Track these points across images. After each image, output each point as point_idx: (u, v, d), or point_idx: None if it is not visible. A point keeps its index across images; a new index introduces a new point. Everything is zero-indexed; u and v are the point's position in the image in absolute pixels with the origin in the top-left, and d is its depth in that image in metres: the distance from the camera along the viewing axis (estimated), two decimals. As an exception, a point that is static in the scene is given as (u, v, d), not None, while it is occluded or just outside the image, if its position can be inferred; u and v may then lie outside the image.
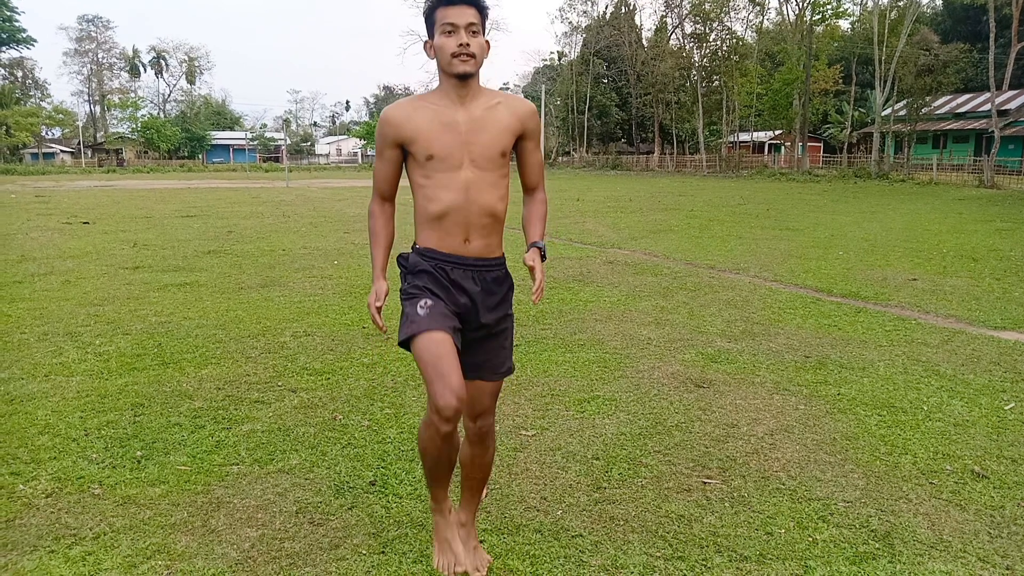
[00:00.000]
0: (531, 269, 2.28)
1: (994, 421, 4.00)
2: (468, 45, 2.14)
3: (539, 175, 2.45)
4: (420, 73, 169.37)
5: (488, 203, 2.25)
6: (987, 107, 34.94)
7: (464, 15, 2.15)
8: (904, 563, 2.64)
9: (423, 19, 2.24)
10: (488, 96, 2.27)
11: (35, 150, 66.22)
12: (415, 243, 2.34)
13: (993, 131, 30.79)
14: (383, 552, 2.70)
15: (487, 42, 2.23)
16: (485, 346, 2.37)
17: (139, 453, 3.53)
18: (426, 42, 2.27)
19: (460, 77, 2.17)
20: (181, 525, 2.88)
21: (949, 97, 44.21)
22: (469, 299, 2.28)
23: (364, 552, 2.70)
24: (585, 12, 63.31)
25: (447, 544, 2.50)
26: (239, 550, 2.71)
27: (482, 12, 2.20)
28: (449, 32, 2.15)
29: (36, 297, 7.22)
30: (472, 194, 2.22)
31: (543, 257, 2.33)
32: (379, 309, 2.34)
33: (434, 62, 2.26)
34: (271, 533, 2.83)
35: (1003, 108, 37.31)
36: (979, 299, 7.21)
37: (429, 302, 2.22)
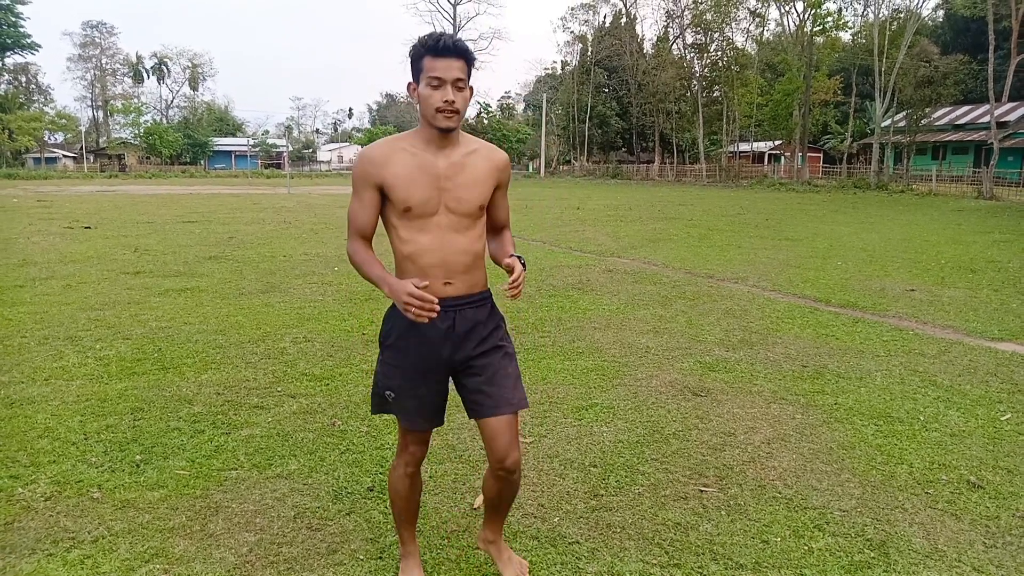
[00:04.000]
0: (509, 267, 2.26)
1: (990, 431, 4.01)
2: (454, 102, 2.11)
3: (507, 217, 2.48)
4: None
5: (465, 245, 2.24)
6: (986, 119, 35.02)
7: (451, 69, 2.10)
8: (899, 572, 2.65)
9: (409, 60, 2.18)
10: (465, 143, 2.26)
11: (38, 155, 66.32)
12: None
13: (992, 143, 30.85)
14: (380, 558, 2.72)
15: (471, 88, 2.20)
16: (482, 378, 2.30)
17: (138, 457, 3.54)
18: (410, 84, 2.20)
19: (442, 131, 2.16)
20: (179, 529, 2.89)
21: (948, 108, 44.33)
22: (449, 342, 2.25)
23: (362, 557, 2.72)
24: (587, 21, 63.53)
25: None
26: (237, 554, 2.72)
27: (470, 64, 2.16)
28: (435, 86, 2.10)
29: (37, 301, 7.24)
30: (448, 237, 2.21)
31: (523, 265, 2.29)
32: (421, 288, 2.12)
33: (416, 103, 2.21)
34: (269, 538, 2.84)
35: (1002, 120, 37.41)
36: (977, 310, 7.23)
37: (392, 393, 2.32)
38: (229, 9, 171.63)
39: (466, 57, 2.14)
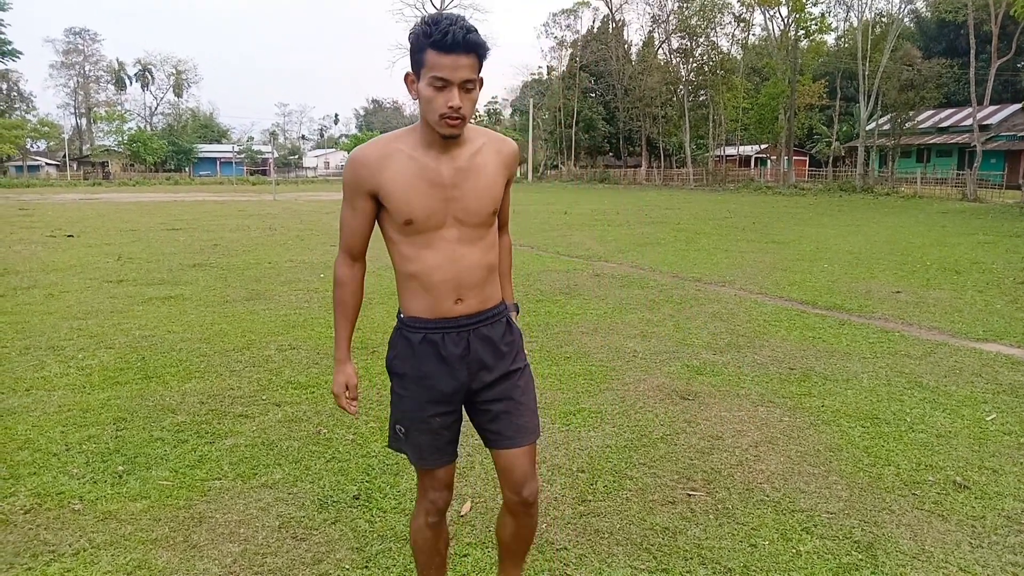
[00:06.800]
0: None
1: (976, 432, 4.03)
2: (460, 108, 1.79)
3: (508, 214, 2.22)
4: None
5: (478, 258, 1.97)
6: (969, 121, 35.44)
7: (459, 69, 1.76)
8: (887, 574, 2.65)
9: (409, 49, 1.84)
10: (471, 138, 1.95)
11: (20, 163, 65.78)
12: (400, 311, 2.05)
13: (975, 145, 31.20)
14: (366, 567, 2.69)
15: (480, 81, 1.86)
16: (501, 406, 2.06)
17: (121, 468, 3.50)
18: (408, 75, 1.87)
19: (445, 138, 1.87)
20: (162, 540, 2.85)
21: (932, 112, 44.80)
22: (465, 366, 2.00)
23: (347, 567, 2.69)
24: (569, 26, 63.78)
25: None
26: (221, 565, 2.69)
27: (482, 59, 1.82)
28: (439, 87, 1.78)
29: (18, 311, 7.15)
30: (459, 252, 1.93)
31: (517, 312, 2.23)
32: (352, 400, 2.08)
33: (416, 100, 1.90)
34: (253, 548, 2.81)
35: (984, 123, 37.85)
36: (962, 311, 7.28)
37: (403, 428, 2.06)
38: (214, 15, 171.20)
39: (478, 52, 1.79)
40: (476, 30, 1.79)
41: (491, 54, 1.88)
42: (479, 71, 1.83)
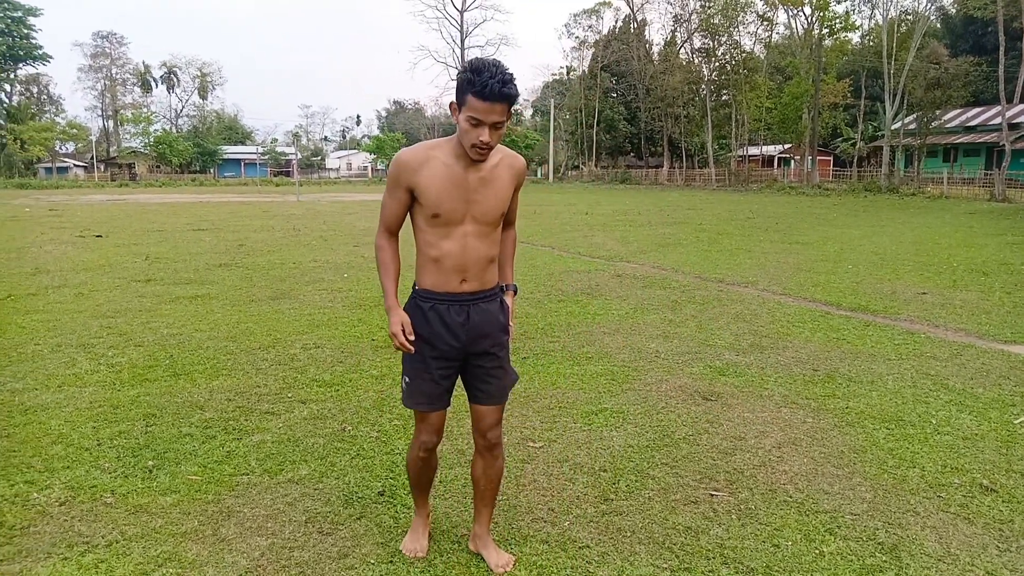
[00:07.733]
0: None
1: (1003, 435, 3.98)
2: (488, 143, 2.25)
3: (515, 215, 2.68)
4: (430, 88, 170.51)
5: (484, 250, 2.46)
6: (998, 120, 34.82)
7: (492, 114, 2.21)
8: (911, 576, 2.64)
9: (456, 86, 2.27)
10: (492, 154, 2.40)
11: (49, 164, 66.91)
12: (415, 283, 2.52)
13: (1004, 144, 30.68)
14: (391, 562, 2.73)
15: (509, 114, 2.30)
16: (487, 370, 2.57)
17: (151, 463, 3.57)
18: (452, 104, 2.31)
19: (473, 160, 2.33)
20: (192, 534, 2.91)
21: (959, 110, 44.08)
22: (465, 332, 2.48)
23: (372, 561, 2.73)
24: (591, 27, 63.64)
25: (416, 535, 2.84)
26: (249, 559, 2.74)
27: (512, 104, 2.25)
28: (474, 124, 2.23)
29: (50, 309, 7.30)
30: (470, 244, 2.42)
31: (515, 293, 2.70)
32: (410, 335, 2.46)
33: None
34: (280, 542, 2.86)
35: (1014, 121, 37.16)
36: (989, 313, 7.18)
37: (408, 378, 2.54)
38: (238, 18, 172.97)
39: (509, 102, 2.23)
40: (512, 80, 2.20)
41: (517, 78, 2.25)
42: (509, 114, 2.28)
